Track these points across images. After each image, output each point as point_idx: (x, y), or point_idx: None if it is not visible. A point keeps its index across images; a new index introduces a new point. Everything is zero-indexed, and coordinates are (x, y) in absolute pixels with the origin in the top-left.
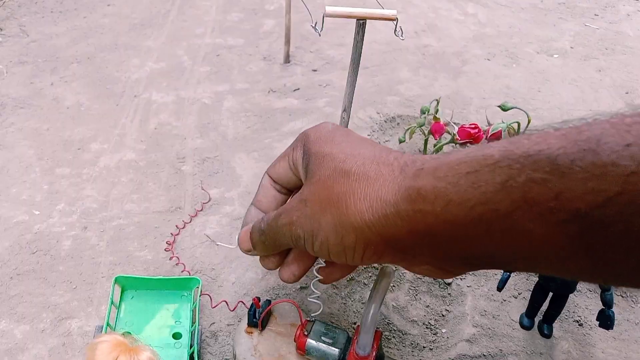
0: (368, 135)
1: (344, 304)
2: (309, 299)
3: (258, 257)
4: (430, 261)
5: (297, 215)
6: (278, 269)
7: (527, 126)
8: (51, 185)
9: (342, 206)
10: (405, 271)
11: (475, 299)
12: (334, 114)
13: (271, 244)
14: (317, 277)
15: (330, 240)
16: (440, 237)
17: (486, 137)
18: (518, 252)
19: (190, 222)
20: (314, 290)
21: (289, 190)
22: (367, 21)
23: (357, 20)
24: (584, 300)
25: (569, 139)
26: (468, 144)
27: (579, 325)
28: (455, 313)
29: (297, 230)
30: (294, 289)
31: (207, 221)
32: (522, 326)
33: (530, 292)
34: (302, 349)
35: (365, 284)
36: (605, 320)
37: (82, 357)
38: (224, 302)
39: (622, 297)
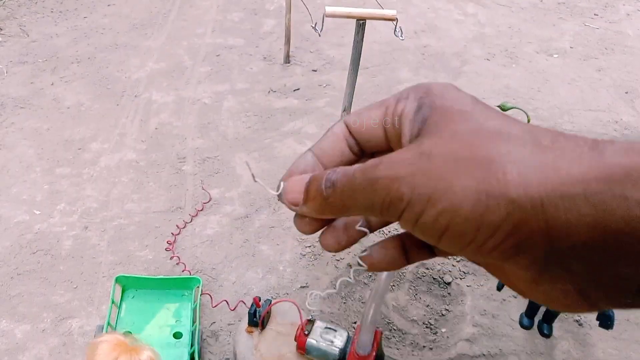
0: None
1: (344, 303)
2: (307, 303)
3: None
4: (580, 280)
5: (408, 169)
6: (320, 232)
7: None
8: (52, 185)
9: (498, 171)
10: (405, 270)
11: (475, 298)
12: (334, 114)
13: (337, 205)
14: (360, 265)
15: (461, 211)
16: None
17: None
18: None
19: (190, 221)
20: (350, 277)
21: (362, 151)
22: (367, 21)
23: (357, 20)
24: None
25: None
26: None
27: (579, 325)
28: (455, 313)
29: (400, 189)
30: (294, 289)
31: (207, 221)
32: (522, 326)
33: None
34: (302, 348)
35: (365, 283)
36: (606, 320)
37: (82, 356)
38: (225, 302)
39: None
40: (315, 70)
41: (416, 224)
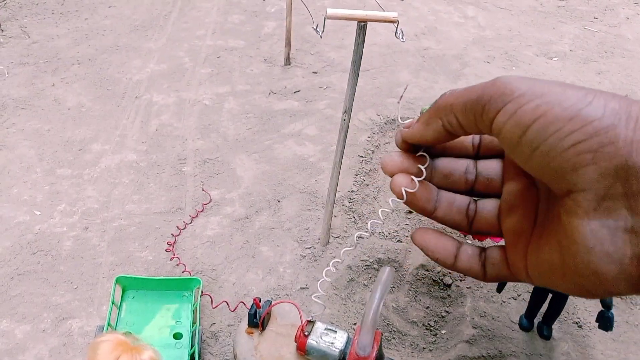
0: (368, 137)
1: (344, 305)
2: (313, 297)
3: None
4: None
5: (531, 79)
6: (395, 174)
7: None
8: (52, 186)
9: (607, 97)
10: (405, 272)
11: (474, 300)
12: (334, 115)
13: (443, 104)
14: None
15: (564, 103)
16: None
17: None
18: None
19: (191, 222)
20: (374, 223)
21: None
22: (368, 23)
23: (358, 22)
24: (583, 301)
25: None
26: None
27: (578, 326)
28: (455, 314)
29: (519, 86)
30: (294, 290)
31: (207, 222)
32: (522, 327)
33: (530, 294)
34: (302, 349)
35: (365, 285)
36: (605, 322)
37: (83, 357)
38: (225, 303)
39: (622, 299)
40: (316, 72)
41: (514, 113)
